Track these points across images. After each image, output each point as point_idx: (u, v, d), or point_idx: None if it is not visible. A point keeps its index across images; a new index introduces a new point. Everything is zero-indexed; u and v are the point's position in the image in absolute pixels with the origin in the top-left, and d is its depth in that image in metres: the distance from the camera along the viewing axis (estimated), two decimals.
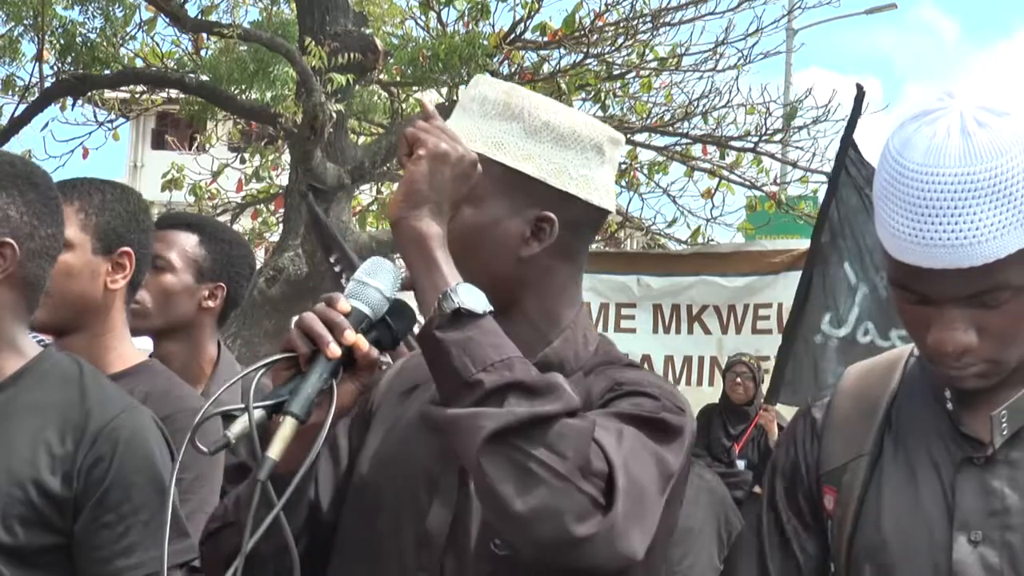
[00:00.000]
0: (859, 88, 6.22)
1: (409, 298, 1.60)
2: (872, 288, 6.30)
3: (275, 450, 1.42)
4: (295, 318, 1.57)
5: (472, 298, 1.48)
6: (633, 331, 7.55)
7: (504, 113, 1.65)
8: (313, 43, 6.61)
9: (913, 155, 1.46)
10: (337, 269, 5.21)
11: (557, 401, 1.43)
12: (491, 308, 1.49)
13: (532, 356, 1.59)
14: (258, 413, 1.45)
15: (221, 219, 7.36)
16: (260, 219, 10.30)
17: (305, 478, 1.51)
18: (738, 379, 6.80)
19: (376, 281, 1.57)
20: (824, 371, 6.18)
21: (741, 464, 6.60)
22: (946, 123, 1.46)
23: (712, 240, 9.95)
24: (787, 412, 6.79)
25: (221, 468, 2.31)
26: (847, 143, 6.28)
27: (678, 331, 7.65)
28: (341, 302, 1.53)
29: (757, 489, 6.36)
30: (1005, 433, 1.56)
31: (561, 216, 1.63)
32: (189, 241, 2.86)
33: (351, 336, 1.50)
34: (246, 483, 1.58)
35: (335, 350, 1.49)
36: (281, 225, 8.63)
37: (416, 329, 1.61)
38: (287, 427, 1.45)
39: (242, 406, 1.45)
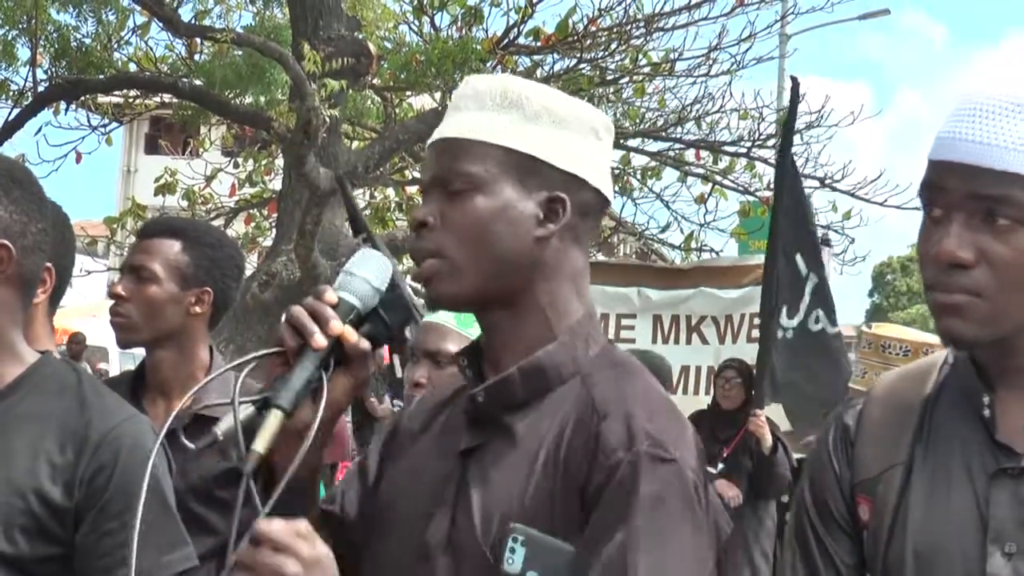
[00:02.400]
0: (794, 80, 6.43)
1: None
2: (821, 279, 6.39)
3: (260, 443, 1.41)
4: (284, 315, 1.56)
5: None
6: (633, 341, 7.59)
7: (502, 103, 1.65)
8: (309, 48, 6.60)
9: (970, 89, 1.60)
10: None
11: None
12: None
13: (532, 352, 1.61)
14: (245, 410, 1.44)
15: (215, 224, 7.35)
16: (253, 224, 10.28)
17: (304, 476, 1.52)
18: (727, 384, 6.80)
19: (364, 272, 1.57)
20: (776, 368, 6.23)
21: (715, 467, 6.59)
22: None
23: (705, 245, 9.96)
24: (778, 417, 6.81)
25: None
26: (790, 132, 6.39)
27: (677, 341, 7.72)
28: (328, 294, 1.53)
29: (732, 493, 6.37)
30: None
31: (572, 198, 1.64)
32: (171, 248, 2.82)
33: (337, 327, 1.50)
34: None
35: (320, 341, 1.49)
36: (274, 230, 8.62)
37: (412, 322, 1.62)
38: (273, 420, 1.44)
39: (227, 400, 1.45)
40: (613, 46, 8.97)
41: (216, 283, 2.85)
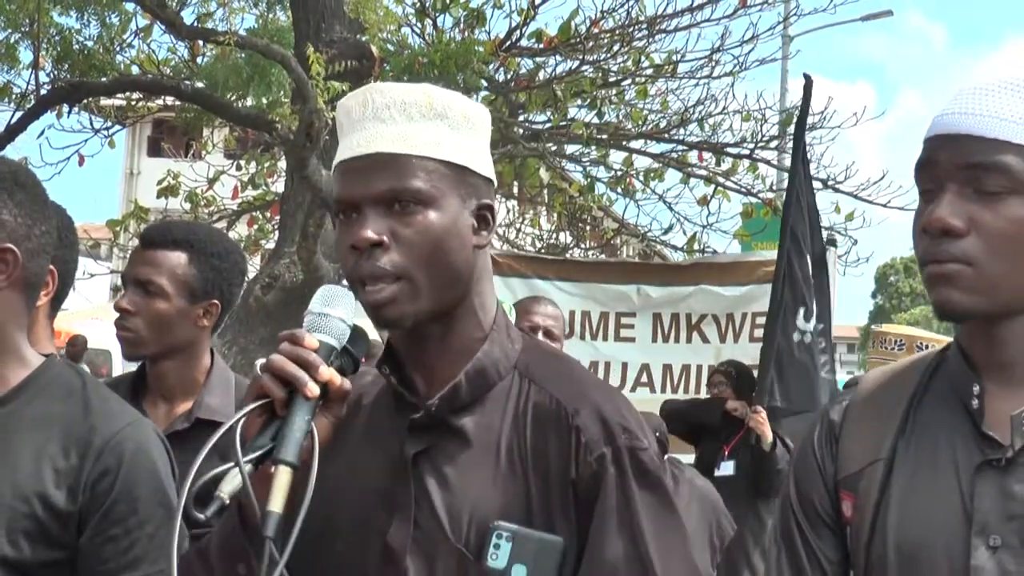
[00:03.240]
0: (807, 78, 6.40)
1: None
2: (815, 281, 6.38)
3: (277, 503, 1.40)
4: (259, 362, 1.52)
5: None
6: (633, 340, 7.58)
7: (429, 113, 1.63)
8: (313, 50, 6.60)
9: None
10: None
11: None
12: None
13: (470, 355, 1.63)
14: (248, 468, 1.42)
15: (217, 226, 7.35)
16: (256, 226, 10.28)
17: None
18: (715, 390, 6.80)
19: (338, 311, 1.55)
20: (812, 372, 6.21)
21: (730, 467, 6.58)
22: None
23: (708, 247, 9.95)
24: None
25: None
26: (802, 131, 6.39)
27: (677, 340, 7.69)
28: (308, 339, 1.51)
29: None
30: None
31: (492, 202, 1.67)
32: (179, 261, 2.77)
33: (326, 372, 1.49)
34: (225, 534, 1.58)
35: (314, 390, 1.47)
36: (277, 232, 8.62)
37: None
38: (283, 476, 1.42)
39: (230, 464, 1.43)
40: (616, 48, 8.99)
41: (223, 294, 2.83)
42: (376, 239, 1.56)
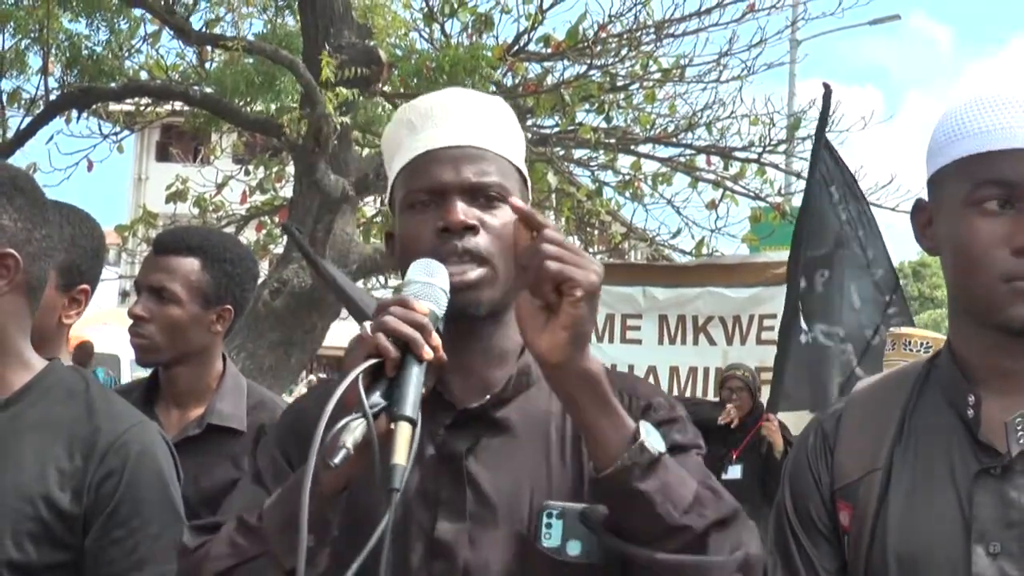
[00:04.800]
0: (826, 87, 6.40)
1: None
2: (809, 284, 6.37)
3: (402, 457, 1.37)
4: (366, 324, 1.49)
5: (656, 439, 1.50)
6: (639, 342, 7.56)
7: (503, 119, 1.72)
8: (326, 56, 6.61)
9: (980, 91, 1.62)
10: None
11: (740, 526, 1.52)
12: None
13: (510, 357, 1.67)
14: (362, 424, 1.39)
15: (225, 231, 7.36)
16: (264, 231, 10.29)
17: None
18: (733, 395, 6.79)
19: (440, 282, 1.56)
20: (822, 373, 6.19)
21: (737, 471, 6.57)
22: None
23: (717, 251, 9.94)
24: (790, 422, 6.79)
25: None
26: (821, 140, 6.38)
27: (683, 342, 7.66)
28: (420, 304, 1.50)
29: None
30: (1022, 442, 1.56)
31: None
32: (192, 267, 2.79)
33: (436, 339, 1.48)
34: (273, 504, 1.55)
35: (429, 353, 1.46)
36: (285, 237, 8.63)
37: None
38: (405, 431, 1.40)
39: (353, 416, 1.40)
40: (623, 52, 8.98)
41: (236, 299, 2.84)
42: (471, 222, 1.61)
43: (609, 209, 10.54)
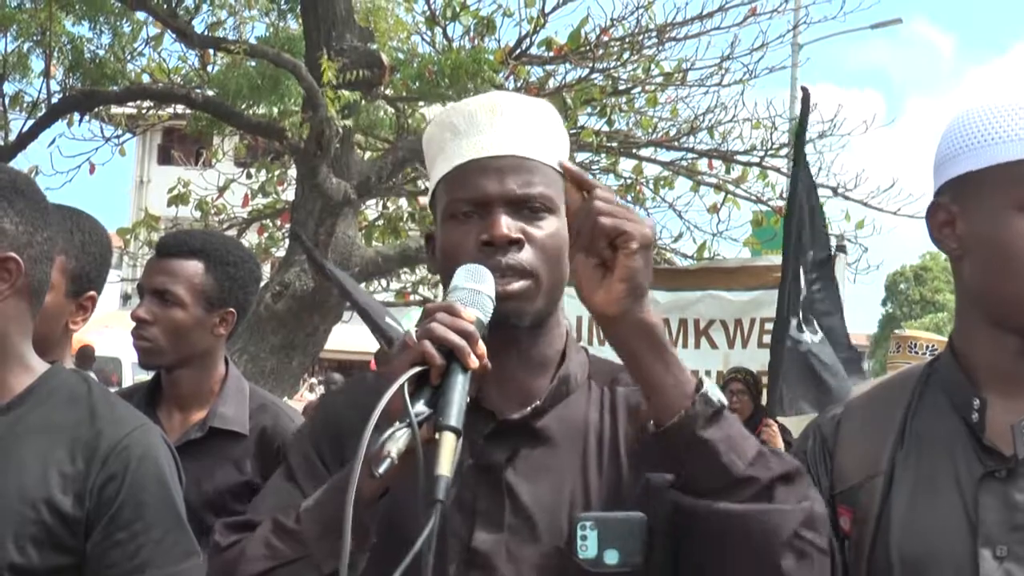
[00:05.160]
0: (804, 91, 6.46)
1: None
2: (809, 289, 6.37)
3: (446, 467, 1.37)
4: (412, 329, 1.48)
5: (717, 392, 1.52)
6: None
7: (549, 126, 1.69)
8: (326, 59, 6.61)
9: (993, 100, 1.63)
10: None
11: (804, 483, 1.51)
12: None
13: (549, 366, 1.67)
14: (406, 433, 1.38)
15: (227, 234, 7.35)
16: (266, 234, 10.29)
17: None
18: (734, 398, 6.78)
19: (487, 289, 1.55)
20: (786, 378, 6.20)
21: None
22: None
23: (718, 255, 9.94)
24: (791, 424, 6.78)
25: None
26: (802, 144, 6.41)
27: (685, 345, 7.65)
28: (467, 311, 1.49)
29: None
30: None
31: None
32: (195, 270, 2.79)
33: (482, 347, 1.47)
34: (312, 508, 1.53)
35: (475, 362, 1.45)
36: (287, 240, 8.63)
37: None
38: (450, 441, 1.38)
39: (400, 425, 1.39)
40: (625, 56, 8.98)
41: (239, 302, 2.84)
42: (516, 236, 1.60)
43: None
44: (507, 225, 1.60)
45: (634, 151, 9.71)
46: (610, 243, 1.48)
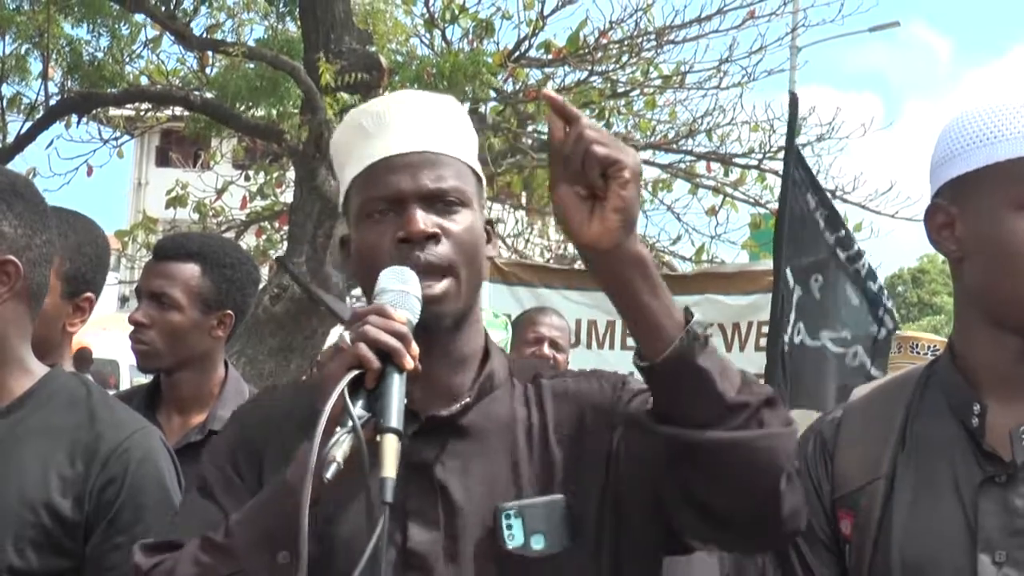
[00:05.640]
0: (792, 96, 6.48)
1: None
2: (806, 290, 6.39)
3: (391, 470, 1.37)
4: (344, 333, 1.49)
5: (703, 321, 1.52)
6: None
7: (457, 121, 1.70)
8: (324, 61, 6.61)
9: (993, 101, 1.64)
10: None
11: (783, 406, 1.51)
12: None
13: (471, 364, 1.67)
14: (346, 432, 1.38)
15: (225, 236, 7.35)
16: (264, 236, 10.29)
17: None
18: None
19: (414, 289, 1.55)
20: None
21: None
22: None
23: (717, 257, 9.94)
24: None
25: None
26: (792, 145, 6.43)
27: None
28: (398, 313, 1.49)
29: None
30: None
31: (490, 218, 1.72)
32: (192, 273, 2.79)
33: (416, 348, 1.47)
34: (267, 521, 1.50)
35: (409, 363, 1.45)
36: (285, 243, 8.63)
37: None
38: (392, 443, 1.39)
39: (344, 430, 1.38)
40: (624, 59, 8.99)
41: (237, 304, 2.83)
42: (433, 231, 1.59)
43: None
44: (423, 220, 1.59)
45: None
46: (601, 172, 1.45)
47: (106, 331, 12.93)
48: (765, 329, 7.35)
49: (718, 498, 1.49)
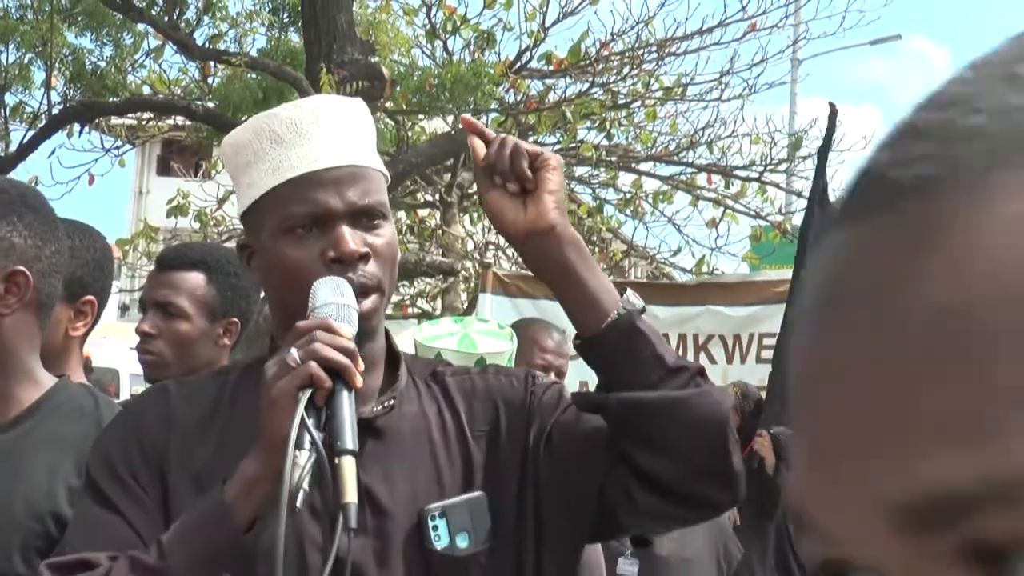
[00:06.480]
0: (832, 107, 6.45)
1: None
2: None
3: (351, 493, 1.36)
4: (293, 351, 1.44)
5: (634, 294, 1.61)
6: None
7: (368, 127, 1.69)
8: (326, 71, 6.63)
9: None
10: None
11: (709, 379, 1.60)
12: None
13: (383, 367, 1.67)
14: (310, 457, 1.36)
15: (227, 246, 7.35)
16: None
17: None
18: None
19: (352, 301, 1.53)
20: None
21: None
22: None
23: (717, 269, 9.95)
24: None
25: None
26: (824, 159, 6.42)
27: None
28: (343, 328, 1.47)
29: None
30: None
31: None
32: (197, 282, 2.78)
33: (362, 364, 1.47)
34: (207, 545, 1.46)
35: (360, 381, 1.45)
36: None
37: None
38: (351, 466, 1.38)
39: (303, 452, 1.37)
40: (625, 70, 9.00)
41: (241, 312, 2.83)
42: (364, 251, 1.57)
43: (610, 227, 10.56)
44: (352, 239, 1.56)
45: (633, 165, 9.73)
46: (530, 164, 1.58)
47: (106, 340, 12.93)
48: (766, 341, 7.35)
49: (670, 462, 1.53)
